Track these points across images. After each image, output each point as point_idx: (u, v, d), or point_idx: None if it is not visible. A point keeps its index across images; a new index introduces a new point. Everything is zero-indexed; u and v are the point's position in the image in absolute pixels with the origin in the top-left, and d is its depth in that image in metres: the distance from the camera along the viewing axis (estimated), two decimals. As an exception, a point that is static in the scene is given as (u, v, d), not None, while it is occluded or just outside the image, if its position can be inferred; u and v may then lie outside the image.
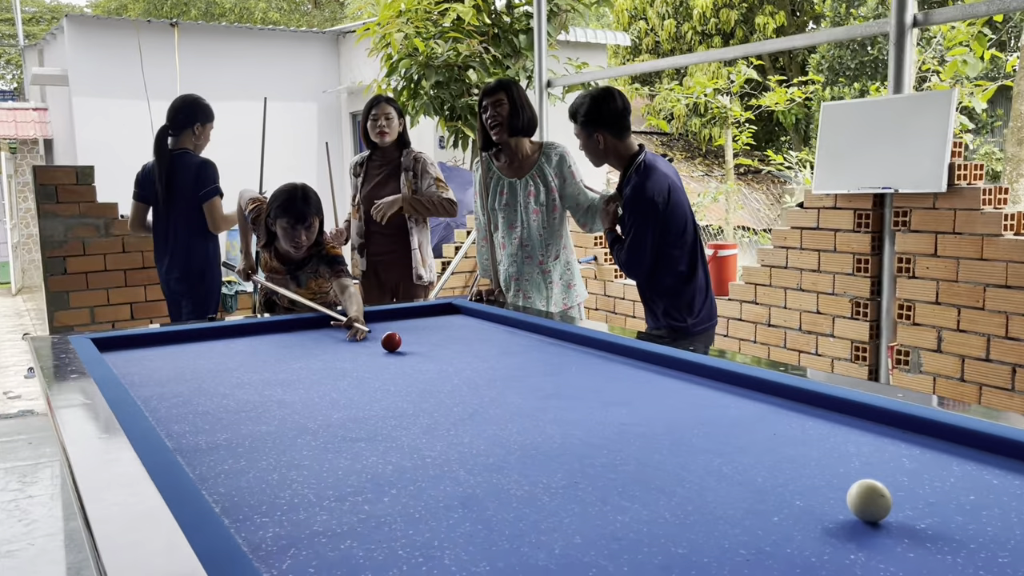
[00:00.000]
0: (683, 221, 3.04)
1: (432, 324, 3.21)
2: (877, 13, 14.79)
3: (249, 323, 3.11)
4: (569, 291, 3.54)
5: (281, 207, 3.24)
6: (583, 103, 3.11)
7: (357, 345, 2.81)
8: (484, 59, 6.73)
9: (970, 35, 7.01)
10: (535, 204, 3.50)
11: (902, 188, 3.62)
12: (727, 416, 1.91)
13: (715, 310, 3.16)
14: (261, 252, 3.46)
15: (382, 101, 4.10)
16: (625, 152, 3.11)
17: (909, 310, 3.69)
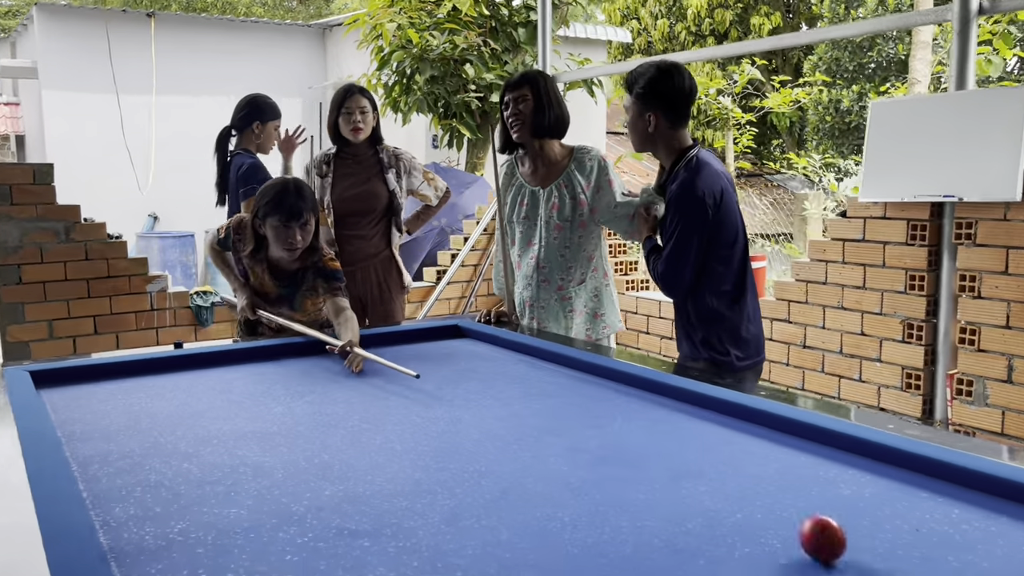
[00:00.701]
0: (733, 232, 2.57)
1: (436, 351, 2.75)
2: (877, 13, 14.47)
3: (222, 351, 2.64)
4: (595, 321, 3.07)
5: (271, 204, 2.80)
6: (645, 72, 2.59)
7: (351, 381, 2.35)
8: (483, 52, 6.28)
9: (994, 32, 6.64)
10: (558, 218, 3.02)
11: (967, 197, 3.20)
12: (841, 497, 1.47)
13: (763, 343, 2.70)
14: (250, 269, 3.00)
15: (356, 92, 3.63)
16: (677, 144, 2.61)
17: (973, 334, 3.27)
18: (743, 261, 2.62)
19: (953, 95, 3.27)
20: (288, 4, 23.75)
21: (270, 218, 2.81)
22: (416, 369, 2.35)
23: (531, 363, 2.56)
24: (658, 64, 2.61)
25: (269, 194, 2.84)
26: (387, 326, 3.81)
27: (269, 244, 2.91)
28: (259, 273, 2.98)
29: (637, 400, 2.11)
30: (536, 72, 3.10)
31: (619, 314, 3.13)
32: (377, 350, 2.74)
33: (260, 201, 2.85)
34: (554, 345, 2.61)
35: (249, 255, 2.98)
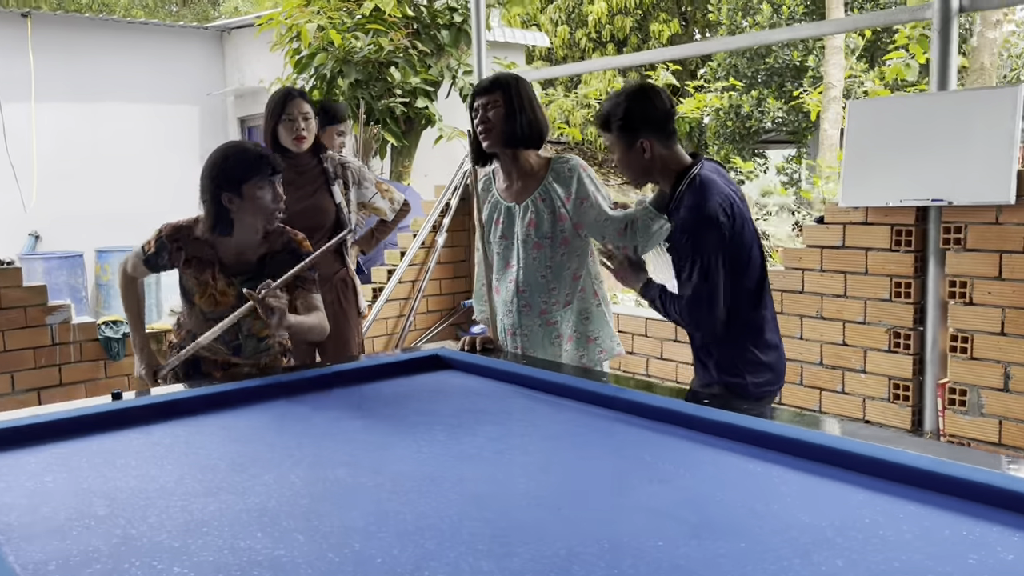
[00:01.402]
0: (748, 249, 2.36)
1: (423, 387, 2.41)
2: (772, 22, 14.84)
3: (174, 400, 2.21)
4: (588, 346, 2.77)
5: (243, 166, 2.45)
6: (619, 103, 2.38)
7: (343, 429, 1.98)
8: (410, 55, 5.92)
9: (911, 37, 6.75)
10: (536, 236, 2.72)
11: (957, 200, 3.09)
12: (1004, 564, 1.23)
13: (783, 366, 2.48)
14: (196, 283, 2.57)
15: (297, 96, 3.26)
16: (676, 164, 2.40)
17: (965, 342, 3.17)
18: (761, 280, 2.40)
19: (938, 95, 3.17)
20: (169, 8, 22.58)
21: (249, 183, 2.44)
22: (409, 409, 2.01)
23: (531, 396, 2.26)
24: (627, 92, 2.40)
25: (232, 159, 2.46)
26: (343, 356, 3.46)
27: (217, 242, 2.53)
28: (210, 282, 2.55)
29: (681, 440, 1.83)
30: (508, 75, 2.78)
31: (616, 337, 2.85)
32: (352, 389, 2.39)
33: (222, 170, 2.46)
34: (555, 375, 2.31)
35: (193, 265, 2.55)
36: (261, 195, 2.48)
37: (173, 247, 2.57)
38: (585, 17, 17.80)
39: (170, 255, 2.58)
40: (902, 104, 3.33)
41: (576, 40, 18.19)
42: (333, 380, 2.43)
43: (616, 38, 17.90)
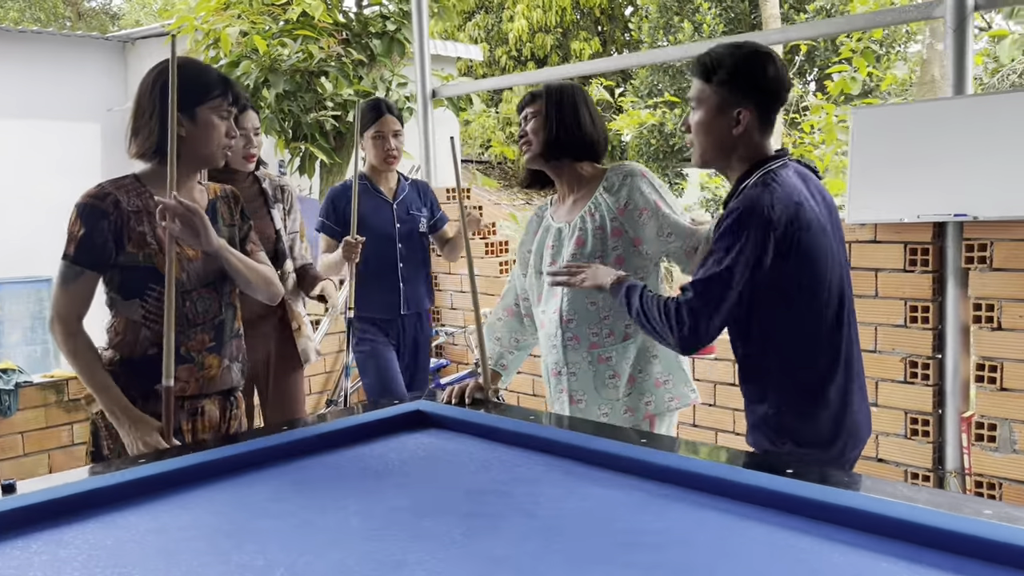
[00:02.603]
0: (821, 273, 1.86)
1: (411, 457, 1.93)
2: (694, 40, 14.86)
3: (94, 489, 1.66)
4: (656, 392, 2.31)
5: (199, 84, 2.02)
6: (734, 54, 1.91)
7: (329, 525, 1.49)
8: (344, 64, 5.42)
9: (855, 51, 6.63)
10: (583, 256, 2.29)
11: (982, 215, 2.80)
12: None
13: (861, 432, 1.99)
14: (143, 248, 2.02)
15: (247, 108, 2.78)
16: (758, 153, 1.92)
17: (993, 371, 2.87)
18: (837, 317, 1.90)
19: (953, 101, 2.89)
20: (63, 22, 21.31)
21: (205, 105, 2.02)
22: (400, 495, 1.54)
23: (549, 464, 1.81)
24: (747, 46, 1.93)
25: (188, 73, 2.01)
26: (285, 410, 2.94)
27: (157, 184, 2.03)
28: (158, 231, 2.00)
29: (801, 535, 1.41)
30: (556, 83, 2.39)
31: (691, 382, 2.40)
32: (321, 457, 1.90)
33: (161, 91, 1.98)
34: (574, 435, 1.88)
35: (144, 220, 2.02)
36: (219, 123, 2.04)
37: (110, 204, 1.99)
38: (505, 35, 17.54)
39: (112, 220, 1.98)
40: (913, 111, 3.05)
41: (496, 58, 17.91)
42: (293, 450, 1.93)
43: (536, 56, 17.69)
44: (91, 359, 2.02)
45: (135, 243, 2.01)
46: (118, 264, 2.02)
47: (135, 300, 2.04)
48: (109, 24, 20.16)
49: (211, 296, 2.11)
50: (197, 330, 2.09)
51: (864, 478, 1.58)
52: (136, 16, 18.36)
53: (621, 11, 18.48)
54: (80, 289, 2.01)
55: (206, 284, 2.10)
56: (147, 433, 1.96)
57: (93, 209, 1.99)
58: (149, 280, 2.02)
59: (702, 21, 14.89)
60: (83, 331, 2.03)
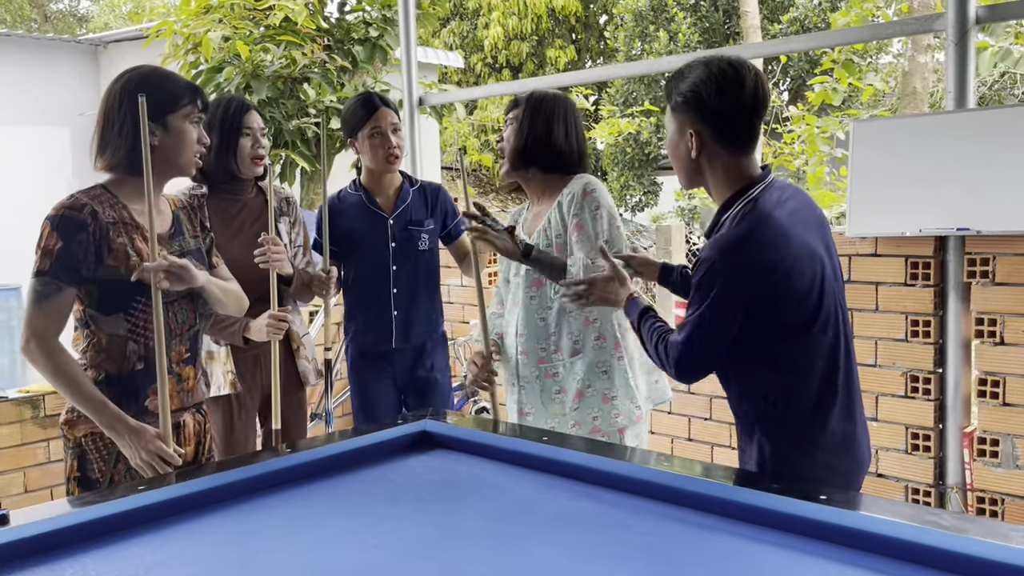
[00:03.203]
0: (803, 311, 1.76)
1: (424, 484, 1.86)
2: (669, 49, 14.93)
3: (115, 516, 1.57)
4: (602, 407, 2.29)
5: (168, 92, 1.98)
6: (689, 73, 1.83)
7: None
8: (328, 70, 5.33)
9: (837, 62, 6.67)
10: (535, 271, 2.30)
11: (985, 229, 2.79)
12: None
13: (863, 456, 1.90)
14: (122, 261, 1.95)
15: (252, 109, 2.69)
16: (735, 175, 1.83)
17: (996, 386, 2.86)
18: (833, 348, 1.81)
19: (956, 115, 2.88)
20: (29, 25, 20.92)
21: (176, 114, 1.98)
22: (417, 523, 1.47)
23: (568, 488, 1.75)
24: (710, 62, 1.83)
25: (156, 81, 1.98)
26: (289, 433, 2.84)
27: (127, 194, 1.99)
28: (138, 241, 1.97)
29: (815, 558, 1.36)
30: (538, 90, 2.35)
31: (640, 400, 2.36)
32: (328, 480, 1.82)
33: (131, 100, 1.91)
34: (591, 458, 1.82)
35: (123, 231, 1.95)
36: (191, 129, 1.99)
37: (87, 215, 1.91)
38: (481, 42, 17.50)
39: (91, 232, 1.90)
40: (914, 124, 3.04)
41: (471, 65, 17.86)
42: (299, 474, 1.85)
43: (512, 64, 17.68)
44: (77, 374, 1.93)
45: (115, 256, 1.93)
46: (96, 278, 1.94)
47: (119, 315, 1.97)
48: (76, 27, 19.82)
49: (188, 307, 2.07)
50: (176, 341, 2.04)
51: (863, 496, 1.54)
52: (105, 19, 18.05)
53: (596, 19, 18.54)
54: (58, 305, 1.91)
55: (183, 295, 2.04)
56: (149, 441, 1.89)
57: (70, 221, 1.90)
58: (134, 293, 1.95)
59: (677, 31, 14.96)
60: (63, 347, 1.93)
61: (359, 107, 2.85)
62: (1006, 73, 9.69)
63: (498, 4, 16.78)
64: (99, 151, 1.98)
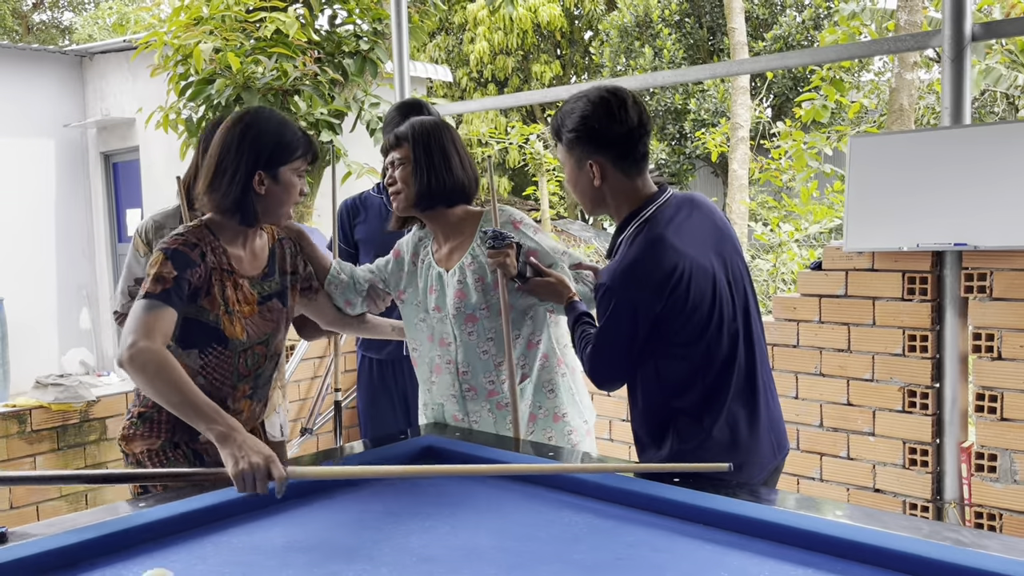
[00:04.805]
0: (697, 322, 1.87)
1: (430, 502, 1.83)
2: (655, 65, 15.03)
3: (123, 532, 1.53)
4: (554, 426, 2.29)
5: (285, 143, 1.95)
6: (574, 109, 1.91)
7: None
8: (320, 82, 5.31)
9: (826, 79, 6.73)
10: (467, 309, 2.23)
11: (982, 244, 2.80)
12: None
13: (759, 463, 1.98)
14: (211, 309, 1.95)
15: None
16: (633, 198, 1.93)
17: (993, 401, 2.86)
18: (727, 360, 1.92)
19: (953, 131, 2.89)
20: (12, 36, 20.75)
21: (289, 165, 1.95)
22: (427, 543, 1.44)
23: (575, 505, 1.73)
24: (589, 95, 1.92)
25: (274, 130, 1.95)
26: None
27: (228, 239, 2.00)
28: (233, 295, 1.97)
29: None
30: (418, 125, 2.24)
31: (589, 410, 2.40)
32: (333, 496, 1.78)
33: (264, 144, 1.92)
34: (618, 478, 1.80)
35: (217, 278, 1.95)
36: (297, 182, 1.98)
37: (198, 256, 1.92)
38: (466, 57, 17.54)
39: (198, 273, 1.91)
40: (911, 140, 3.05)
41: (457, 80, 17.89)
42: (304, 489, 1.82)
43: (497, 79, 17.73)
44: (185, 377, 1.76)
45: (209, 300, 1.94)
46: (185, 315, 1.92)
47: (194, 351, 1.96)
48: (59, 38, 19.68)
49: (261, 352, 2.06)
50: (242, 382, 2.04)
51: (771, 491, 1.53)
52: (89, 31, 17.93)
53: (581, 35, 18.63)
54: (165, 317, 1.83)
55: (260, 342, 2.04)
56: (271, 461, 1.62)
57: (184, 257, 1.90)
58: (212, 339, 1.96)
59: (662, 47, 15.06)
60: (169, 353, 1.81)
61: (396, 113, 2.87)
62: (986, 91, 9.83)
63: (484, 19, 16.83)
64: (208, 190, 1.95)
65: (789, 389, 3.30)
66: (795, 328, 3.29)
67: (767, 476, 2.00)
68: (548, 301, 2.20)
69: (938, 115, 9.29)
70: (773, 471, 2.03)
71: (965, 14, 2.88)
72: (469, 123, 16.85)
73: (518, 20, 16.36)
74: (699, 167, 15.70)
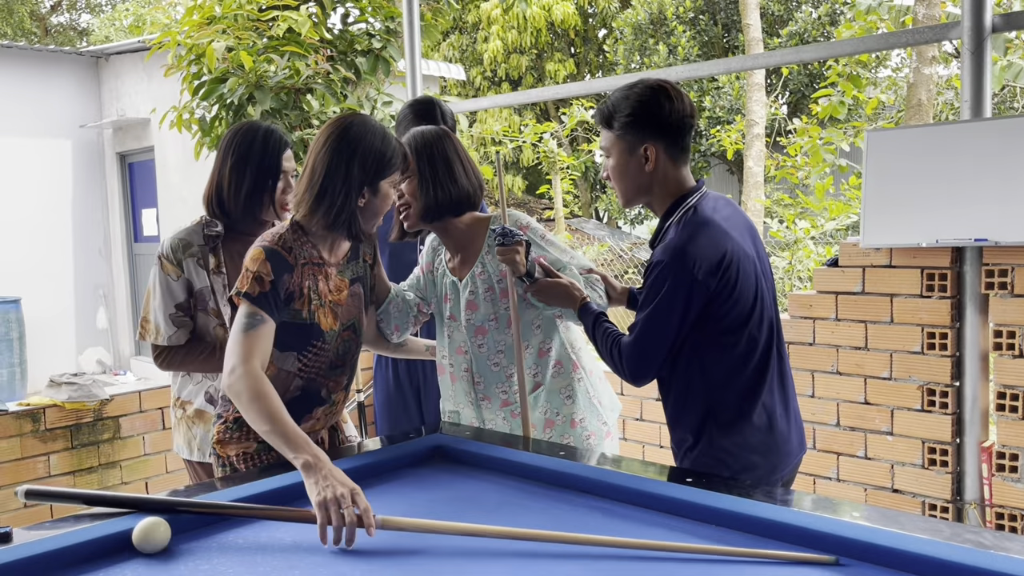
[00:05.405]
0: (743, 308, 1.91)
1: (440, 501, 1.80)
2: (669, 63, 14.95)
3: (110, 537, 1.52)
4: (571, 431, 2.27)
5: (389, 157, 1.94)
6: (629, 96, 1.94)
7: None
8: (332, 81, 5.29)
9: (843, 74, 6.65)
10: (477, 320, 2.23)
11: (1003, 239, 2.75)
12: None
13: (781, 459, 2.00)
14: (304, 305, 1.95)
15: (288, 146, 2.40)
16: (677, 186, 1.97)
17: (1015, 399, 2.81)
18: (767, 350, 1.96)
19: (973, 124, 2.84)
20: (30, 38, 20.93)
21: (387, 179, 1.95)
22: (432, 543, 1.41)
23: (591, 505, 1.70)
24: (645, 82, 1.96)
25: (383, 144, 1.93)
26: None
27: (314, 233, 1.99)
28: (325, 287, 1.99)
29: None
30: (419, 135, 2.21)
31: (611, 409, 2.37)
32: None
33: (375, 159, 1.92)
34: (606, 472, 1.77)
35: (307, 275, 1.96)
36: (392, 194, 2.00)
37: (292, 259, 1.92)
38: (480, 56, 17.52)
39: (292, 276, 1.92)
40: (929, 134, 3.00)
41: (471, 79, 17.88)
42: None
43: (511, 77, 17.70)
44: (278, 406, 1.77)
45: (302, 300, 1.93)
46: (281, 319, 1.92)
47: (291, 353, 1.96)
48: (77, 40, 19.82)
49: (351, 338, 2.06)
50: (337, 372, 2.05)
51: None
52: (106, 32, 18.04)
53: (595, 33, 18.57)
54: (263, 334, 1.84)
55: (347, 327, 2.04)
56: (356, 493, 1.58)
57: (281, 259, 1.90)
58: (310, 337, 1.96)
59: (677, 44, 14.98)
60: (266, 377, 1.82)
61: (411, 117, 2.84)
62: (1006, 87, 9.70)
63: (498, 18, 16.81)
64: (312, 211, 1.90)
65: (805, 388, 3.26)
66: (811, 326, 3.24)
67: (792, 470, 2.00)
68: (557, 305, 2.17)
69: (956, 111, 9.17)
70: (796, 465, 2.03)
71: (985, 4, 2.82)
72: (483, 122, 16.83)
73: (532, 19, 16.33)
74: (714, 165, 15.60)
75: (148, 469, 3.78)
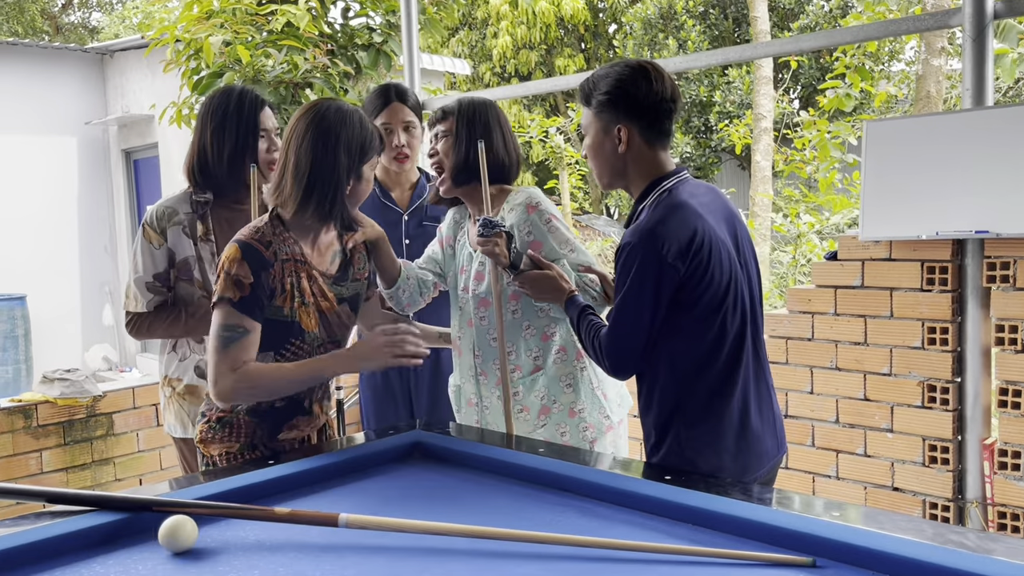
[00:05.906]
0: (715, 294, 1.83)
1: (415, 497, 1.76)
2: (676, 55, 14.82)
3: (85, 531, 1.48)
4: (569, 422, 2.22)
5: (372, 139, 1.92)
6: (608, 74, 1.89)
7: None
8: (331, 75, 5.26)
9: (849, 66, 6.56)
10: (483, 291, 2.23)
11: (1004, 231, 2.68)
12: None
13: (764, 457, 1.92)
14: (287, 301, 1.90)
15: (266, 105, 2.40)
16: (654, 169, 1.91)
17: (1017, 395, 2.74)
18: (739, 336, 1.88)
19: (972, 114, 2.76)
20: (41, 36, 21.02)
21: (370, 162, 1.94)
22: (404, 540, 1.37)
23: (567, 503, 1.65)
24: (627, 62, 1.91)
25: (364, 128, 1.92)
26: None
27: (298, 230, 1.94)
28: (309, 288, 1.92)
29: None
30: (466, 100, 2.23)
31: (617, 405, 2.32)
32: (317, 493, 1.72)
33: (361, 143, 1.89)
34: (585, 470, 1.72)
35: (290, 271, 1.90)
36: (372, 176, 1.97)
37: (271, 255, 1.86)
38: (489, 51, 17.47)
39: (271, 274, 1.86)
40: (930, 124, 2.92)
41: (480, 74, 17.83)
42: (286, 484, 1.76)
43: (520, 73, 17.63)
44: (283, 372, 1.87)
45: (283, 297, 1.88)
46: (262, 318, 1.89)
47: (270, 353, 1.91)
48: (88, 39, 19.89)
49: (334, 349, 2.01)
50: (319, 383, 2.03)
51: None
52: (116, 30, 18.10)
53: (605, 28, 18.48)
54: (244, 346, 1.82)
55: (333, 340, 2.00)
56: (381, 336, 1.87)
57: (258, 256, 1.84)
58: (289, 334, 1.91)
59: (687, 38, 14.88)
60: (256, 364, 1.84)
61: (375, 97, 2.76)
62: (1020, 80, 9.56)
63: (507, 13, 16.74)
64: (302, 205, 1.86)
65: (804, 384, 3.20)
66: (810, 320, 3.18)
67: (767, 472, 1.92)
68: (544, 299, 2.13)
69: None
70: (772, 467, 1.95)
71: (987, -10, 2.75)
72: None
73: (541, 14, 16.25)
74: (725, 160, 15.49)
75: (142, 466, 3.76)
